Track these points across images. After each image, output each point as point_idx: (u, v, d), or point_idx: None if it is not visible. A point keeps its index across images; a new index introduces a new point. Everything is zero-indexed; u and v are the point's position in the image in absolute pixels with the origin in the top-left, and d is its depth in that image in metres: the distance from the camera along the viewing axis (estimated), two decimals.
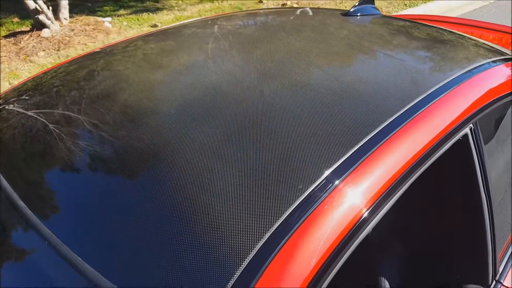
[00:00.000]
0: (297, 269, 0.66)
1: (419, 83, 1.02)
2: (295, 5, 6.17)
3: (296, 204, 0.72)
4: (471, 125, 1.00)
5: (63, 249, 0.76)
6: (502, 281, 1.12)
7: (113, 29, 5.21)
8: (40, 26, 4.79)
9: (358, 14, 1.60)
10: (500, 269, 1.15)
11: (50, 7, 4.78)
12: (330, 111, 0.91)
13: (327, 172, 0.76)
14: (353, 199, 0.74)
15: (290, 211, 0.71)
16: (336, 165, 0.78)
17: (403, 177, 0.81)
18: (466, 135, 0.99)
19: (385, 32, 1.43)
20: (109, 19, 5.49)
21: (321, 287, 0.68)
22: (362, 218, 0.73)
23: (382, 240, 1.37)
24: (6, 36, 4.84)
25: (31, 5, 4.54)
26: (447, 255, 1.23)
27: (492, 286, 1.11)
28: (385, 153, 0.81)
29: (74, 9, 5.66)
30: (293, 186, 0.75)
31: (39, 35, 4.76)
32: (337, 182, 0.75)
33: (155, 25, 5.34)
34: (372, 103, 0.94)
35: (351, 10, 1.62)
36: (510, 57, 1.31)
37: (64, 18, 5.05)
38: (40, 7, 4.58)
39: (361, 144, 0.82)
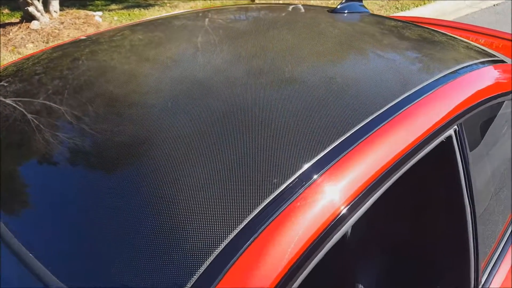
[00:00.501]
0: (263, 272, 0.61)
1: (403, 81, 0.99)
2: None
3: (268, 201, 0.67)
4: (455, 126, 0.96)
5: (20, 249, 0.71)
6: None
7: (103, 23, 5.15)
8: (30, 18, 4.74)
9: (345, 11, 1.56)
10: (483, 280, 1.10)
11: (40, 0, 4.72)
12: (311, 106, 0.88)
13: (303, 168, 0.72)
14: (328, 198, 0.70)
15: (260, 208, 0.66)
16: (313, 162, 0.74)
17: (382, 177, 0.77)
18: (450, 137, 0.95)
19: (370, 30, 1.39)
20: (100, 13, 5.43)
21: None
22: (338, 218, 0.69)
23: (359, 244, 1.32)
24: None
25: None
26: (428, 262, 1.19)
27: None
28: (364, 151, 0.77)
29: (65, 3, 5.61)
30: (266, 181, 0.70)
31: (28, 27, 4.70)
32: (313, 178, 0.71)
33: None
34: (354, 99, 0.91)
35: (338, 7, 1.58)
36: (498, 59, 1.27)
37: (54, 11, 5.01)
38: None
39: (340, 141, 0.78)
